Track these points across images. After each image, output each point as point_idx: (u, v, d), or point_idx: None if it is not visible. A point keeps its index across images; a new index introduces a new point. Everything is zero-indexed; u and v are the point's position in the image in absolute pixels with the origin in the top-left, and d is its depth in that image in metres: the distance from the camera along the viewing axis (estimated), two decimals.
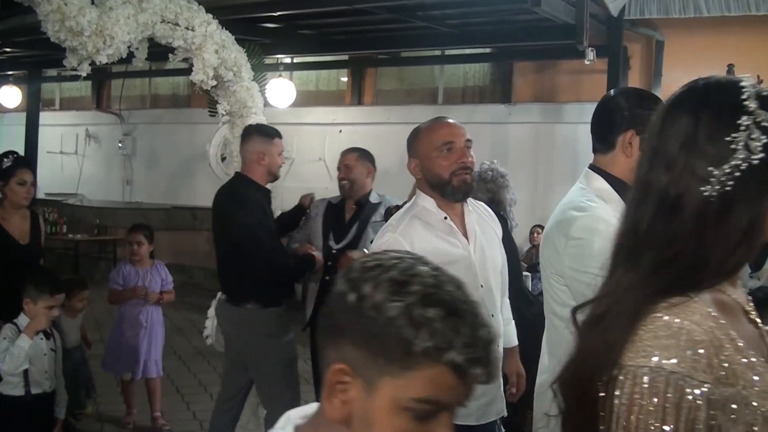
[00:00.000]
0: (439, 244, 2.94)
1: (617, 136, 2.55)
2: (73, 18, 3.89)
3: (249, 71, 5.21)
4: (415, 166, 3.02)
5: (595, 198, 2.53)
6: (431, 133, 3.00)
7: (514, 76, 11.27)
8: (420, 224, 2.97)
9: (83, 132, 14.81)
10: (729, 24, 8.99)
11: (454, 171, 2.95)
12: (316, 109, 12.39)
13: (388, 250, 1.44)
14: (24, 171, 4.80)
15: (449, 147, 2.95)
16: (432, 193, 2.99)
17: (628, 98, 2.61)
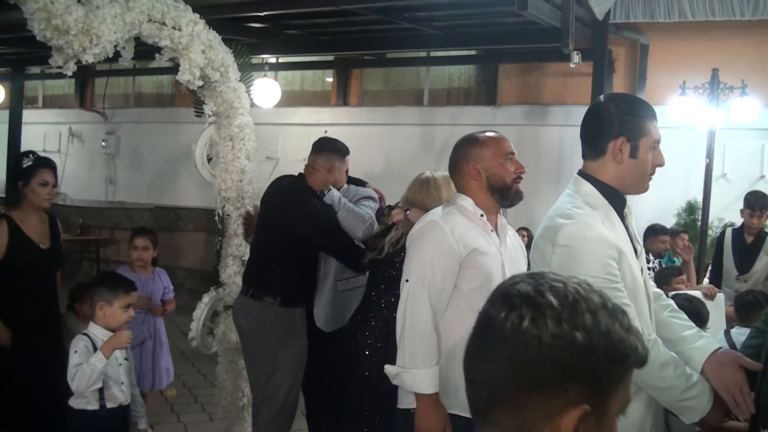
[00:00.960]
0: (476, 234, 3.17)
1: (608, 143, 2.57)
2: (59, 16, 3.86)
3: (236, 72, 5.19)
4: (477, 169, 3.23)
5: (583, 205, 2.56)
6: (498, 143, 3.26)
7: (499, 78, 11.31)
8: (460, 216, 3.19)
9: (66, 130, 14.72)
10: (713, 28, 9.06)
11: (515, 178, 3.25)
12: (301, 110, 12.38)
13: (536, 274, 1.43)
14: (46, 171, 4.63)
15: (511, 157, 3.26)
16: (487, 197, 3.24)
17: (619, 105, 2.61)
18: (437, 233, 3.11)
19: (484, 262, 3.12)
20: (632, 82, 10.14)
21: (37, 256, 4.60)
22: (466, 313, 3.03)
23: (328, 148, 4.72)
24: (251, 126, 5.35)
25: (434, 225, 3.14)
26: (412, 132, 11.42)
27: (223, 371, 5.33)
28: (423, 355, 3.02)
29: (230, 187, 5.27)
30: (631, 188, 2.65)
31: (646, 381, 2.47)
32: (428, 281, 3.06)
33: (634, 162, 2.56)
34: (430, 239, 3.12)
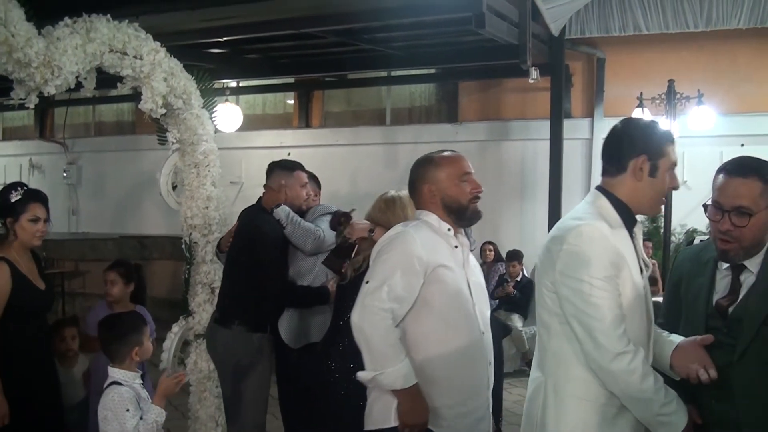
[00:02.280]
0: (443, 249, 3.15)
1: (630, 160, 2.67)
2: (20, 49, 3.83)
3: (198, 98, 5.19)
4: (433, 191, 3.22)
5: (597, 215, 2.67)
6: (454, 163, 3.25)
7: (459, 95, 11.41)
8: (428, 228, 3.18)
9: (27, 162, 14.55)
10: (668, 40, 9.24)
11: (471, 198, 3.23)
12: (263, 133, 12.38)
13: None
14: (37, 206, 4.21)
15: (467, 178, 3.23)
16: (445, 216, 3.22)
17: (643, 126, 2.76)
18: (406, 242, 3.07)
19: (452, 277, 3.10)
20: (590, 96, 10.29)
21: (36, 299, 4.26)
22: (440, 329, 3.09)
23: (277, 166, 4.81)
24: (216, 152, 5.35)
25: (404, 234, 3.10)
26: (375, 151, 11.46)
27: (195, 401, 5.28)
28: (391, 353, 2.95)
29: (196, 215, 5.26)
30: (645, 207, 2.75)
31: (627, 392, 2.55)
32: (389, 285, 2.98)
33: (653, 181, 2.67)
34: (399, 247, 3.07)
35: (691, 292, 2.80)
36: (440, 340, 3.08)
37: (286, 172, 4.74)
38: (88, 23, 4.43)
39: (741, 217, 2.57)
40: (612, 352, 2.52)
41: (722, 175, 2.66)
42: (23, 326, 4.13)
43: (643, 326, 2.66)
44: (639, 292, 2.64)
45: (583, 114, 10.33)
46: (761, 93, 9.31)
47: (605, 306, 2.53)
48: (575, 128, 9.97)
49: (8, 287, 4.04)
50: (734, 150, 9.22)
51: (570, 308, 2.60)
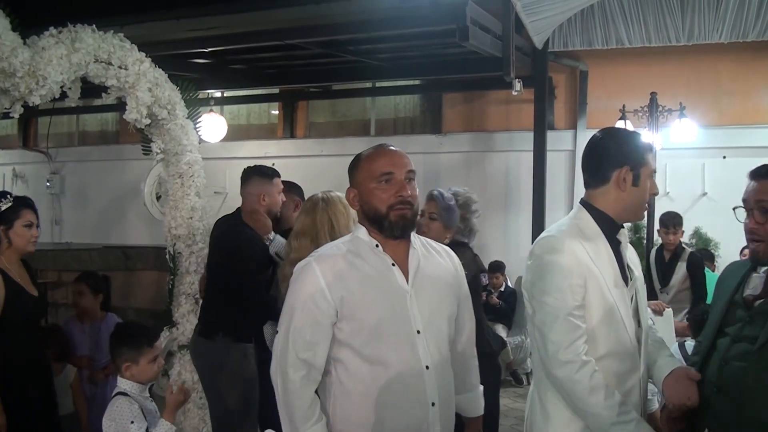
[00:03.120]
0: (368, 270, 2.67)
1: (612, 171, 2.70)
2: (5, 59, 3.84)
3: (183, 109, 5.20)
4: (353, 197, 2.75)
5: (573, 227, 2.72)
6: (371, 162, 2.71)
7: (443, 106, 11.44)
8: (347, 252, 2.71)
9: (10, 171, 14.47)
10: (650, 54, 9.32)
11: (392, 205, 2.64)
12: (248, 143, 12.37)
13: None
14: (28, 212, 4.28)
15: (388, 178, 2.66)
16: (369, 227, 2.72)
17: (623, 137, 2.79)
18: (308, 277, 2.65)
19: (366, 312, 2.62)
20: (573, 108, 10.35)
21: (30, 306, 4.27)
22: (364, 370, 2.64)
23: (255, 173, 4.67)
24: (200, 163, 5.35)
25: (307, 267, 2.67)
26: None
27: (180, 413, 5.25)
28: (307, 413, 2.59)
29: (180, 225, 5.26)
30: (630, 215, 2.78)
31: (573, 402, 2.59)
32: (297, 333, 2.62)
33: (636, 190, 2.70)
34: (301, 283, 2.67)
35: (722, 289, 2.86)
36: (366, 383, 2.63)
37: (265, 180, 4.64)
38: (73, 33, 4.44)
39: (764, 213, 2.63)
40: (558, 359, 2.56)
41: (748, 178, 2.74)
42: (18, 334, 4.11)
43: (623, 337, 2.65)
44: (615, 302, 2.64)
45: (567, 126, 10.39)
46: (743, 106, 9.40)
47: (557, 315, 2.57)
48: (558, 140, 10.03)
49: (2, 295, 4.04)
50: (716, 162, 9.34)
51: (533, 317, 2.67)
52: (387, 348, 2.63)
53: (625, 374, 2.66)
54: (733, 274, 2.89)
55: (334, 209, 3.79)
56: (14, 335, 4.08)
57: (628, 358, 2.66)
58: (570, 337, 2.56)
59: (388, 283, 2.67)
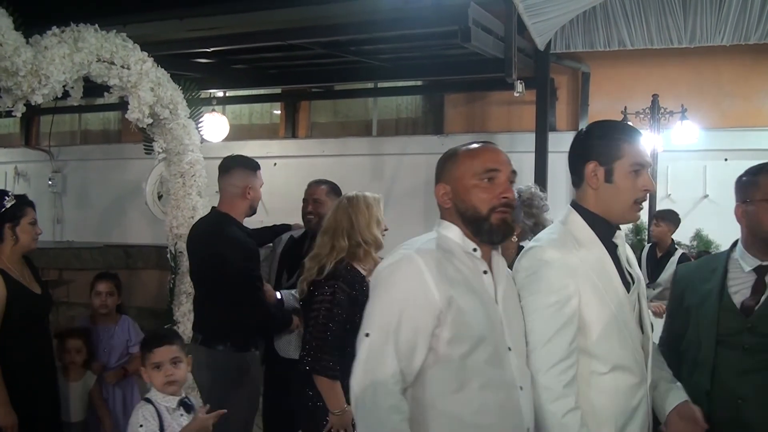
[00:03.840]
0: (463, 277, 2.36)
1: (582, 168, 2.56)
2: (8, 58, 3.86)
3: (185, 108, 5.21)
4: (444, 193, 2.45)
5: (563, 232, 2.55)
6: (474, 157, 2.43)
7: (445, 107, 11.44)
8: (442, 249, 2.39)
9: (12, 170, 14.47)
10: (652, 56, 9.32)
11: (495, 207, 2.38)
12: (249, 143, 12.34)
13: None
14: (32, 210, 4.35)
15: (492, 176, 2.40)
16: (463, 228, 2.43)
17: (593, 130, 2.62)
18: (410, 271, 2.31)
19: (471, 318, 2.31)
20: (575, 110, 10.36)
21: (33, 303, 4.26)
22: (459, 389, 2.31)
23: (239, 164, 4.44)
24: (202, 162, 5.36)
25: (407, 260, 2.33)
26: (361, 162, 11.48)
27: None
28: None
29: (182, 224, 5.27)
30: (617, 216, 2.55)
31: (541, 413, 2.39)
32: (395, 337, 2.26)
33: (611, 187, 2.50)
34: (401, 278, 2.32)
35: (697, 297, 2.77)
36: (460, 403, 2.30)
37: (249, 172, 4.41)
38: (76, 33, 4.45)
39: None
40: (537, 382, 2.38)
41: None
42: (23, 333, 4.11)
43: (628, 349, 2.47)
44: (617, 313, 2.45)
45: (568, 127, 10.39)
46: (744, 108, 9.40)
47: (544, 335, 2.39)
48: (560, 141, 9.99)
49: (3, 295, 4.03)
50: (718, 164, 9.33)
51: None
52: (485, 364, 2.31)
53: (633, 388, 2.47)
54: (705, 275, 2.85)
55: (355, 209, 3.80)
56: (17, 334, 4.07)
57: (636, 371, 2.47)
58: (550, 361, 2.38)
59: (484, 292, 2.39)
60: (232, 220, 4.29)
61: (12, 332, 4.04)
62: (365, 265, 3.77)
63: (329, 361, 3.57)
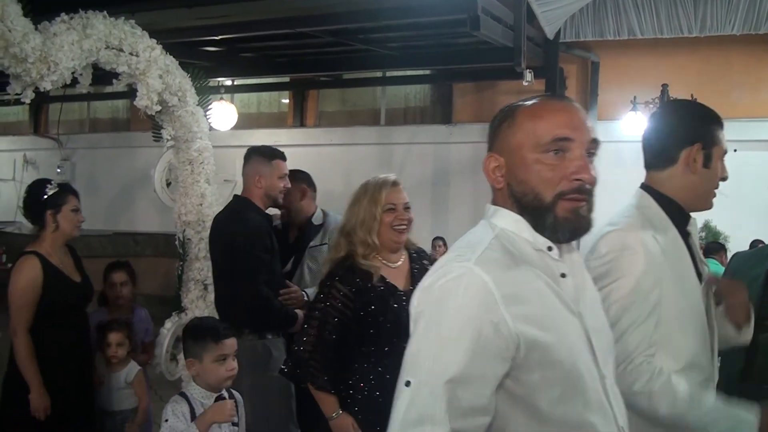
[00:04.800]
0: (542, 284, 1.68)
1: (681, 150, 2.33)
2: (17, 44, 3.86)
3: (194, 96, 5.21)
4: (495, 167, 1.78)
5: (638, 216, 2.30)
6: (536, 118, 1.73)
7: (454, 96, 11.44)
8: (504, 251, 1.69)
9: (21, 157, 14.54)
10: (662, 45, 9.29)
11: (564, 192, 1.69)
12: (258, 131, 12.37)
13: None
14: (74, 197, 4.32)
15: (561, 147, 1.69)
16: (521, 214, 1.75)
17: (693, 110, 2.42)
18: (471, 292, 1.59)
19: (559, 350, 1.63)
20: (584, 99, 10.33)
21: (71, 292, 4.22)
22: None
23: (255, 152, 4.37)
24: (210, 150, 5.36)
25: (465, 277, 1.60)
26: (369, 151, 11.48)
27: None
28: None
29: (190, 211, 5.27)
30: (698, 203, 2.38)
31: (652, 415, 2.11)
32: (451, 388, 1.54)
33: (706, 172, 2.33)
34: (458, 304, 1.59)
35: (746, 281, 2.60)
36: None
37: (263, 160, 4.29)
38: (85, 19, 4.45)
39: None
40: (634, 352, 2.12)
41: None
42: (61, 320, 4.11)
43: (699, 342, 2.25)
44: (692, 302, 2.26)
45: None
46: (754, 99, 9.36)
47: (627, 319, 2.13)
48: None
49: (39, 280, 4.04)
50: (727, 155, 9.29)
51: None
52: (584, 406, 1.65)
53: (701, 386, 2.22)
54: (757, 262, 2.85)
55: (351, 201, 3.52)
56: (54, 320, 4.07)
57: (707, 368, 2.27)
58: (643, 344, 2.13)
59: (566, 306, 1.70)
60: (251, 204, 4.25)
61: (48, 319, 4.04)
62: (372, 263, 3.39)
63: (315, 365, 3.34)
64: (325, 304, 3.35)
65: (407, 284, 3.41)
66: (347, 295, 3.32)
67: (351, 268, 3.36)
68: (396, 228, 3.38)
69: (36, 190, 4.27)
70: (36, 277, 4.04)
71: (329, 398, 3.34)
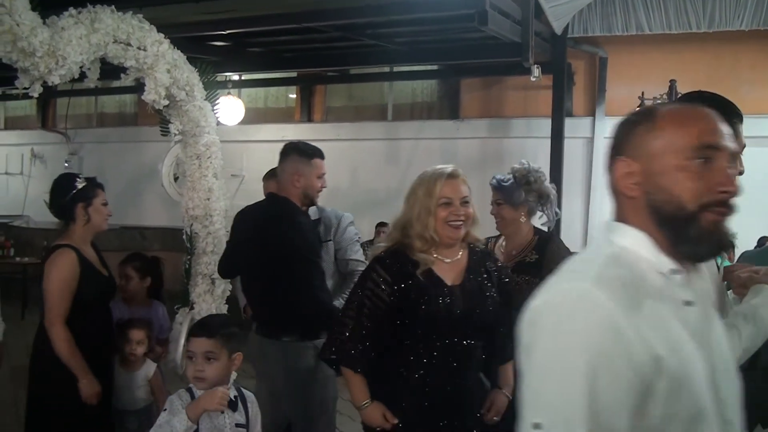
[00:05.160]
0: (665, 309, 1.52)
1: None
2: (25, 39, 3.86)
3: (201, 90, 5.21)
4: (629, 174, 1.60)
5: None
6: (683, 125, 1.58)
7: (461, 92, 11.42)
8: (627, 275, 1.53)
9: (28, 152, 14.59)
10: (670, 41, 9.26)
11: (708, 203, 1.55)
12: (265, 126, 12.39)
13: None
14: (102, 191, 4.35)
15: (709, 156, 1.56)
16: (654, 229, 1.58)
17: None
18: (592, 317, 1.43)
19: (688, 383, 1.48)
20: (592, 95, 10.31)
21: (102, 285, 4.28)
22: None
23: (294, 150, 4.32)
24: (218, 144, 5.37)
25: (582, 299, 1.45)
26: (376, 147, 11.48)
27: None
28: None
29: (198, 206, 5.28)
30: None
31: None
32: (589, 425, 1.39)
33: None
34: (577, 330, 1.43)
35: None
36: None
37: (302, 159, 4.26)
38: (93, 14, 4.45)
39: None
40: None
41: None
42: (91, 314, 4.14)
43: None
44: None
45: (585, 113, 10.35)
46: (763, 95, 9.31)
47: None
48: (576, 127, 9.99)
49: (77, 273, 4.07)
50: None
51: None
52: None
53: None
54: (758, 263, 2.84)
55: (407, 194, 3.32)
56: (89, 314, 4.10)
57: None
58: None
59: (690, 336, 1.53)
60: (295, 206, 4.18)
61: (80, 312, 4.06)
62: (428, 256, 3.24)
63: (352, 350, 3.25)
64: (362, 290, 3.26)
65: (457, 279, 3.26)
66: (387, 280, 3.20)
67: (395, 254, 3.24)
68: (451, 224, 3.20)
69: (64, 184, 4.28)
70: (74, 269, 4.07)
71: (361, 386, 3.26)
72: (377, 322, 3.22)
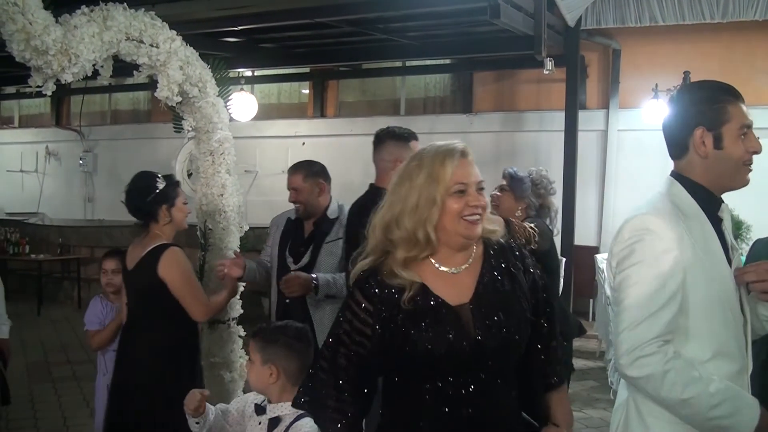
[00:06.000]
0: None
1: (688, 137, 2.31)
2: (38, 37, 3.87)
3: (214, 87, 5.21)
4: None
5: (666, 204, 2.29)
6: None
7: (474, 86, 11.41)
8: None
9: (43, 149, 14.68)
10: (684, 32, 9.21)
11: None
12: (278, 122, 12.42)
13: None
14: (181, 189, 4.35)
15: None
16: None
17: (693, 93, 2.39)
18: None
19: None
20: (605, 87, 10.27)
21: None
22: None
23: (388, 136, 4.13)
24: (231, 140, 5.37)
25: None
26: None
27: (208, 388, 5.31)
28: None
29: (211, 202, 5.29)
30: (726, 183, 2.33)
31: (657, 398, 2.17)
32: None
33: (720, 153, 2.27)
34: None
35: None
36: None
37: (400, 143, 4.01)
38: (105, 12, 4.46)
39: None
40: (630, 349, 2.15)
41: None
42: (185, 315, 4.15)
43: (730, 327, 2.24)
44: (720, 289, 2.23)
45: (599, 105, 10.31)
46: None
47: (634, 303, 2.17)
48: (590, 119, 9.96)
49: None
50: None
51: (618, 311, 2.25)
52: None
53: (734, 377, 2.20)
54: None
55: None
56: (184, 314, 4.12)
57: (738, 358, 2.23)
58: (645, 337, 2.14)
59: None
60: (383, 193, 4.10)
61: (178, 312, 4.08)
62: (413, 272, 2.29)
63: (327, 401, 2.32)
64: (340, 324, 2.36)
65: (465, 295, 2.28)
66: (368, 309, 2.30)
67: (374, 273, 2.32)
68: (467, 218, 2.28)
69: (144, 185, 4.25)
70: (189, 263, 4.14)
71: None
72: (359, 365, 2.31)
